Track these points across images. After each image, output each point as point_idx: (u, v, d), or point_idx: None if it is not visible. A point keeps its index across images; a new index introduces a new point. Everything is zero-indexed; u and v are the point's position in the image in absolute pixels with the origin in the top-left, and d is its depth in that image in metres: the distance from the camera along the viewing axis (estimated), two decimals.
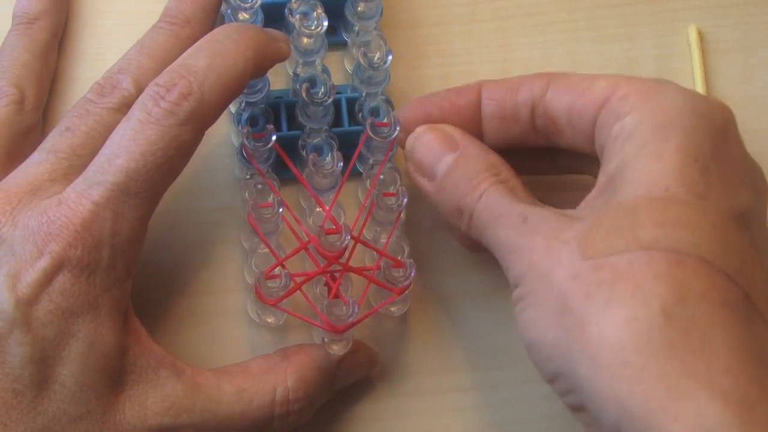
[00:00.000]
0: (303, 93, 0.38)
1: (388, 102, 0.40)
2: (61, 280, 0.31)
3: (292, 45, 0.38)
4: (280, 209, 0.37)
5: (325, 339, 0.37)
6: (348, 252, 0.37)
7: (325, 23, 0.38)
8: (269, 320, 0.38)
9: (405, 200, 0.38)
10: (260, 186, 0.38)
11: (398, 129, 0.38)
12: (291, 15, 0.38)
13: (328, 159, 0.38)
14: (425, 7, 0.43)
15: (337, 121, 0.40)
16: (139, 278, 0.35)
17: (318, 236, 0.36)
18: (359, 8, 0.40)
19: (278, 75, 0.41)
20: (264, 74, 0.37)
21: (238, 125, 0.39)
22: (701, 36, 0.44)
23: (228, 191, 0.40)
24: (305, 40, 0.39)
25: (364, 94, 0.40)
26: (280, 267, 0.37)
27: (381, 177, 0.38)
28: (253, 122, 0.39)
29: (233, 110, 0.40)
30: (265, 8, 0.40)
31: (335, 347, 0.37)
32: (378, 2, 0.40)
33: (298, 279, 0.37)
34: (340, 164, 0.38)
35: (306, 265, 0.38)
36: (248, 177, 0.38)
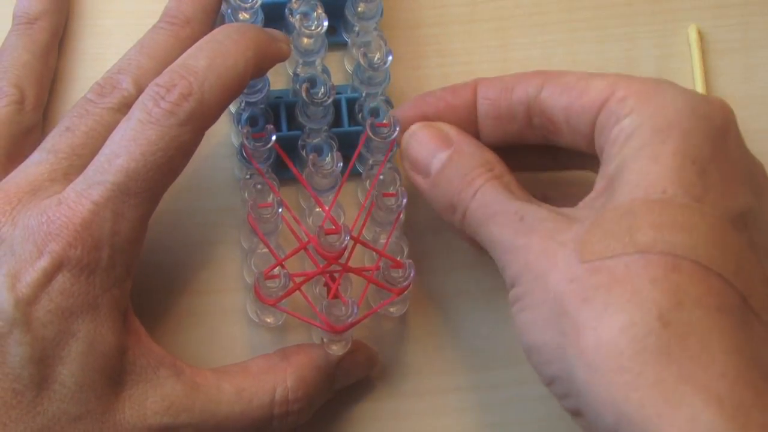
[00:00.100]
0: (303, 93, 0.38)
1: (388, 102, 0.40)
2: (61, 280, 0.31)
3: (292, 45, 0.38)
4: (280, 209, 0.37)
5: (325, 339, 0.37)
6: (347, 252, 0.37)
7: (325, 23, 0.38)
8: (268, 320, 0.38)
9: (404, 201, 0.38)
10: (260, 186, 0.38)
11: (398, 129, 0.38)
12: (291, 15, 0.38)
13: (328, 159, 0.38)
14: (425, 7, 0.43)
15: (337, 122, 0.40)
16: (139, 278, 0.35)
17: (317, 236, 0.36)
18: (359, 8, 0.40)
19: (278, 75, 0.41)
20: (264, 74, 0.37)
21: (238, 125, 0.39)
22: (701, 36, 0.44)
23: (228, 191, 0.40)
24: (305, 40, 0.39)
25: (364, 95, 0.40)
26: (280, 267, 0.37)
27: (381, 177, 0.38)
28: (253, 122, 0.39)
29: (233, 110, 0.40)
30: (265, 8, 0.40)
31: (334, 347, 0.37)
32: (378, 2, 0.40)
33: (298, 279, 0.37)
34: (340, 164, 0.38)
35: (305, 266, 0.38)
36: (248, 177, 0.38)
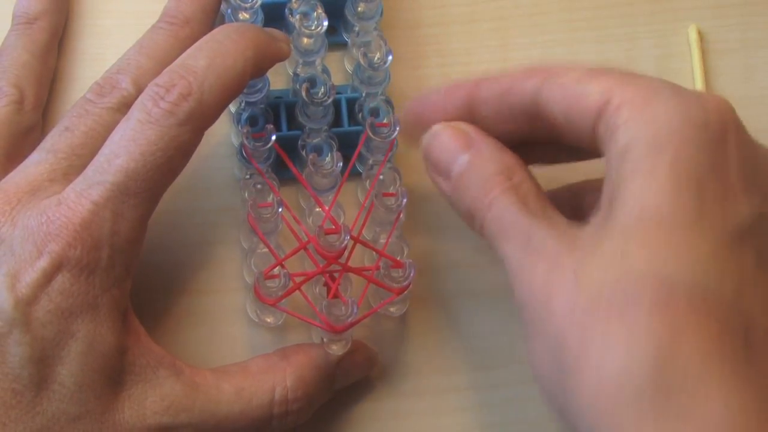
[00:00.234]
0: (303, 93, 0.38)
1: (388, 102, 0.39)
2: (61, 280, 0.31)
3: (292, 45, 0.38)
4: (280, 209, 0.37)
5: (324, 339, 0.37)
6: (347, 252, 0.37)
7: (325, 23, 0.38)
8: (268, 320, 0.38)
9: (404, 200, 0.38)
10: (260, 186, 0.38)
11: (397, 129, 0.38)
12: (291, 15, 0.38)
13: (328, 159, 0.38)
14: (425, 7, 0.43)
15: (337, 121, 0.40)
16: (139, 278, 0.35)
17: (317, 236, 0.36)
18: (359, 8, 0.40)
19: (278, 75, 0.41)
20: (264, 74, 0.37)
21: (238, 125, 0.39)
22: (701, 36, 0.44)
23: (227, 191, 0.40)
24: (305, 40, 0.39)
25: (364, 95, 0.40)
26: (280, 267, 0.37)
27: (380, 177, 0.38)
28: (253, 122, 0.39)
29: (233, 110, 0.40)
30: (265, 8, 0.40)
31: (334, 347, 0.37)
32: (378, 2, 0.40)
33: (298, 279, 0.37)
34: (340, 164, 0.38)
35: (305, 265, 0.38)
36: (248, 177, 0.38)
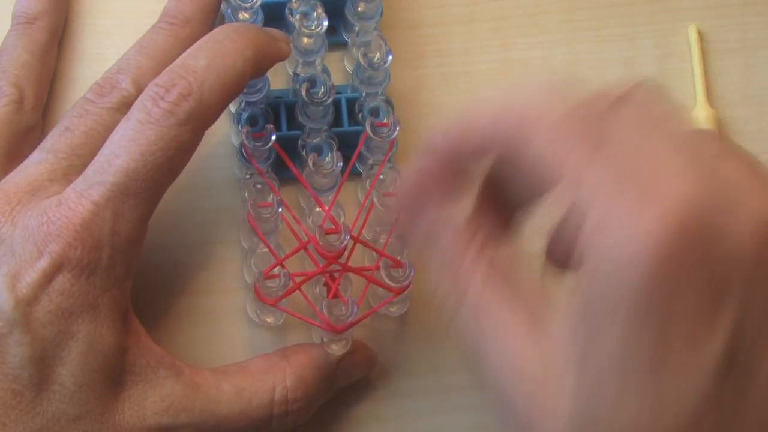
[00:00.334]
0: (303, 93, 0.38)
1: (388, 102, 0.39)
2: (61, 281, 0.31)
3: (292, 45, 0.38)
4: (280, 209, 0.37)
5: (325, 339, 0.37)
6: (347, 252, 0.37)
7: (325, 23, 0.38)
8: (268, 320, 0.38)
9: None
10: (260, 186, 0.38)
11: (397, 129, 0.38)
12: (291, 15, 0.38)
13: (328, 159, 0.38)
14: (425, 7, 0.43)
15: (337, 121, 0.40)
16: (139, 278, 0.35)
17: (317, 236, 0.36)
18: (359, 8, 0.40)
19: (278, 75, 0.41)
20: (264, 74, 0.37)
21: (238, 125, 0.39)
22: (701, 36, 0.44)
23: (227, 191, 0.40)
24: (305, 40, 0.39)
25: (364, 94, 0.40)
26: (280, 267, 0.37)
27: (380, 177, 0.38)
28: (253, 122, 0.39)
29: (233, 110, 0.40)
30: (265, 8, 0.40)
31: (334, 347, 0.37)
32: (378, 2, 0.40)
33: (298, 279, 0.37)
34: (340, 164, 0.38)
35: (305, 265, 0.38)
36: (248, 177, 0.38)
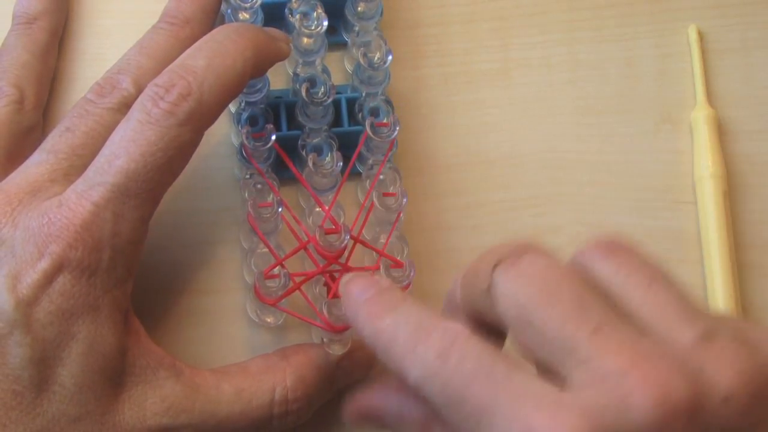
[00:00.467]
0: (303, 93, 0.38)
1: (388, 102, 0.39)
2: (62, 282, 0.31)
3: (292, 45, 0.38)
4: (280, 209, 0.37)
5: (325, 339, 0.37)
6: (347, 252, 0.37)
7: (325, 23, 0.38)
8: (268, 320, 0.38)
9: (405, 200, 0.38)
10: (260, 186, 0.38)
11: (397, 129, 0.38)
12: (291, 15, 0.38)
13: (328, 159, 0.38)
14: (425, 7, 0.43)
15: (337, 121, 0.40)
16: (139, 278, 0.35)
17: (317, 236, 0.36)
18: (359, 8, 0.40)
19: (278, 75, 0.41)
20: (264, 74, 0.37)
21: (238, 125, 0.39)
22: (701, 36, 0.44)
23: (227, 191, 0.40)
24: (305, 40, 0.39)
25: (364, 94, 0.40)
26: (280, 267, 0.37)
27: (381, 177, 0.38)
28: (253, 122, 0.39)
29: (233, 110, 0.40)
30: (265, 8, 0.40)
31: (334, 347, 0.37)
32: (378, 2, 0.40)
33: (298, 279, 0.37)
34: (340, 164, 0.38)
35: (305, 265, 0.38)
36: (248, 177, 0.38)
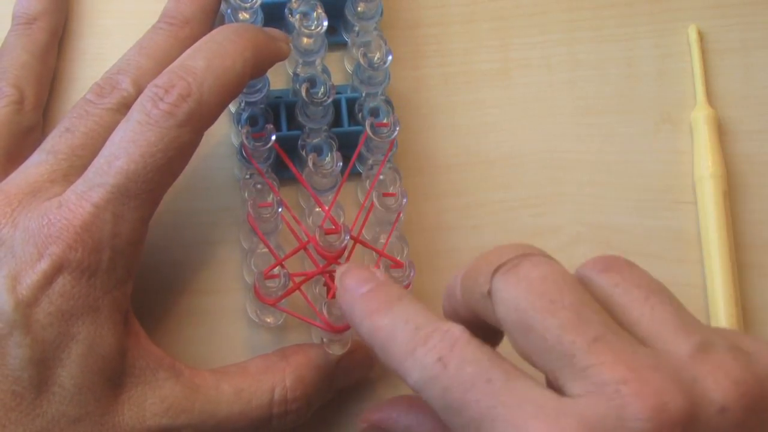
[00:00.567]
0: (303, 93, 0.38)
1: (388, 102, 0.39)
2: (61, 283, 0.31)
3: (292, 45, 0.38)
4: (280, 209, 0.37)
5: (324, 339, 0.37)
6: (347, 252, 0.37)
7: (325, 23, 0.38)
8: (268, 320, 0.38)
9: (404, 200, 0.38)
10: (259, 186, 0.38)
11: (397, 129, 0.38)
12: (291, 15, 0.38)
13: (328, 159, 0.38)
14: (425, 7, 0.43)
15: (337, 121, 0.40)
16: (139, 278, 0.35)
17: (317, 236, 0.36)
18: (359, 8, 0.40)
19: (278, 75, 0.41)
20: (263, 74, 0.37)
21: (238, 125, 0.39)
22: (701, 36, 0.44)
23: (227, 191, 0.40)
24: (305, 40, 0.39)
25: (364, 95, 0.40)
26: (279, 267, 0.37)
27: (381, 177, 0.38)
28: (253, 122, 0.39)
29: (233, 110, 0.40)
30: (265, 8, 0.40)
31: (334, 347, 0.37)
32: (378, 2, 0.40)
33: (297, 279, 0.37)
34: (340, 164, 0.38)
35: (305, 265, 0.38)
36: (248, 177, 0.38)
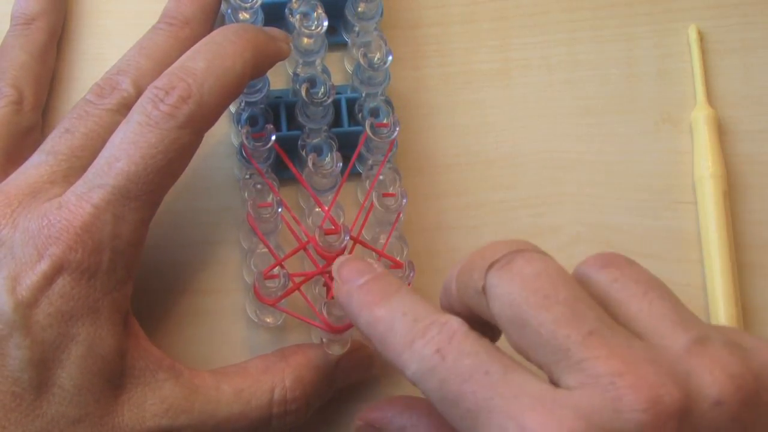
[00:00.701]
0: (303, 93, 0.38)
1: (388, 102, 0.39)
2: (61, 284, 0.31)
3: (292, 45, 0.38)
4: (279, 209, 0.37)
5: (324, 339, 0.37)
6: (347, 252, 0.37)
7: (325, 23, 0.38)
8: (268, 320, 0.38)
9: (404, 201, 0.38)
10: (259, 186, 0.38)
11: (397, 129, 0.38)
12: (291, 15, 0.38)
13: (328, 159, 0.38)
14: (425, 7, 0.43)
15: (337, 122, 0.40)
16: (139, 278, 0.35)
17: (317, 236, 0.36)
18: (359, 9, 0.40)
19: (278, 75, 0.41)
20: (264, 74, 0.37)
21: (238, 125, 0.39)
22: (701, 36, 0.44)
23: (227, 191, 0.40)
24: (305, 40, 0.39)
25: (364, 95, 0.40)
26: (279, 267, 0.37)
27: (380, 177, 0.38)
28: (253, 122, 0.39)
29: (233, 110, 0.40)
30: (266, 8, 0.40)
31: (334, 347, 0.37)
32: (378, 2, 0.40)
33: (297, 279, 0.37)
34: (340, 164, 0.38)
35: (305, 266, 0.38)
36: (247, 177, 0.38)
